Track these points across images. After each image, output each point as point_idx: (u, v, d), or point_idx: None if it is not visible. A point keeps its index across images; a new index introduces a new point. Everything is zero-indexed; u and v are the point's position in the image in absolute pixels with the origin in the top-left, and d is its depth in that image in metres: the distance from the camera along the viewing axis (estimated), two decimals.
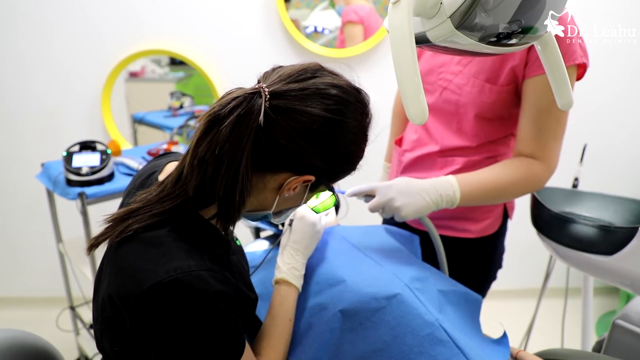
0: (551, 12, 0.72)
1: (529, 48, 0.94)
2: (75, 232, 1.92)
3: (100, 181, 1.64)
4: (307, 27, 2.14)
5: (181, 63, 2.18)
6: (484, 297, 1.23)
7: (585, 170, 1.71)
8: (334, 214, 1.12)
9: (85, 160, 1.64)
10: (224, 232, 0.71)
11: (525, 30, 0.72)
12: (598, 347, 0.95)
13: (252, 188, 0.66)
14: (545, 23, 0.72)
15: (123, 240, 0.64)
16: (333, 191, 0.80)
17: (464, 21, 0.66)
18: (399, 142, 1.30)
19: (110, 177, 1.68)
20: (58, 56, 2.08)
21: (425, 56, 1.16)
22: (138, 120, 2.30)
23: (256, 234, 1.42)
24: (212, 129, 0.62)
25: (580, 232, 1.23)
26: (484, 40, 0.70)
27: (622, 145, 2.36)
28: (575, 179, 1.65)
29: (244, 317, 0.70)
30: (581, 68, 0.97)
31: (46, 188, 1.80)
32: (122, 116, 2.25)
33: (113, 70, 2.08)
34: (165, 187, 0.68)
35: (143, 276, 0.59)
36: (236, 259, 0.77)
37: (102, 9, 2.03)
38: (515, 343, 1.80)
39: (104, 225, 0.67)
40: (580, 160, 1.66)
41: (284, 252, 0.87)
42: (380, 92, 0.93)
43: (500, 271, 1.27)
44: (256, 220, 0.79)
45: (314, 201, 0.88)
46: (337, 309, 0.79)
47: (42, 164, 1.81)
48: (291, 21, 2.07)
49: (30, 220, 2.35)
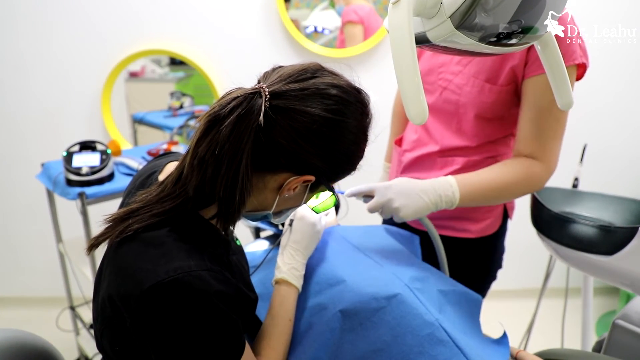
0: (551, 12, 0.72)
1: (529, 48, 0.94)
2: (75, 232, 1.92)
3: (100, 181, 1.64)
4: (307, 27, 2.14)
5: (181, 63, 2.18)
6: (484, 297, 1.22)
7: (585, 170, 1.71)
8: (334, 214, 1.12)
9: (85, 160, 1.64)
10: (224, 232, 0.71)
11: (525, 30, 0.72)
12: (598, 347, 0.95)
13: (252, 188, 0.66)
14: (545, 23, 0.72)
15: (123, 241, 0.64)
16: (333, 191, 0.80)
17: (464, 21, 0.66)
18: (399, 142, 1.30)
19: (110, 177, 1.68)
20: (58, 56, 2.08)
21: (425, 56, 1.16)
22: (138, 120, 2.30)
23: (256, 234, 1.42)
24: (212, 129, 0.62)
25: (580, 232, 1.23)
26: (484, 40, 0.70)
27: (622, 145, 2.36)
28: (575, 179, 1.65)
29: (244, 317, 0.70)
30: (581, 68, 0.97)
31: (46, 188, 1.80)
32: (122, 116, 2.25)
33: (113, 70, 2.08)
34: (165, 187, 0.68)
35: (143, 276, 0.59)
36: (236, 259, 0.77)
37: (102, 9, 2.03)
38: (515, 343, 1.80)
39: (104, 225, 0.67)
40: (580, 160, 1.66)
41: (284, 252, 0.87)
42: (380, 92, 0.93)
43: (500, 271, 1.27)
44: (256, 220, 0.79)
45: (314, 201, 0.88)
46: (337, 309, 0.79)
47: (42, 164, 1.81)
48: (291, 21, 2.07)
49: (30, 220, 2.35)
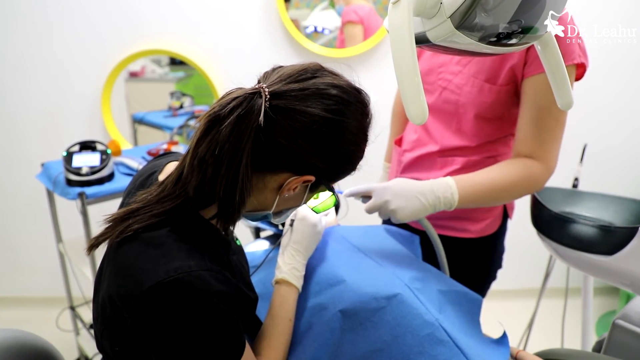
0: (551, 12, 0.71)
1: (528, 47, 0.94)
2: (75, 232, 1.92)
3: (100, 181, 1.64)
4: (307, 27, 2.14)
5: (181, 63, 2.18)
6: (484, 297, 1.22)
7: (585, 170, 1.71)
8: (334, 214, 1.12)
9: (85, 160, 1.64)
10: (224, 232, 0.71)
11: (525, 30, 0.71)
12: (598, 347, 0.95)
13: (252, 188, 0.66)
14: (545, 23, 0.72)
15: (123, 241, 0.64)
16: (333, 191, 0.80)
17: (464, 21, 0.66)
18: (399, 142, 1.29)
19: (110, 177, 1.68)
20: (58, 56, 2.08)
21: (425, 56, 1.16)
22: (138, 120, 2.30)
23: (256, 234, 1.42)
24: (212, 129, 0.62)
25: (580, 232, 1.23)
26: (484, 40, 0.70)
27: (622, 145, 2.36)
28: (575, 179, 1.65)
29: (244, 317, 0.70)
30: (580, 68, 0.97)
31: (46, 188, 1.80)
32: (122, 116, 2.25)
33: (113, 70, 2.08)
34: (165, 188, 0.68)
35: (143, 276, 0.59)
36: (236, 259, 0.77)
37: (102, 9, 2.03)
38: (515, 343, 1.81)
39: (104, 225, 0.67)
40: (580, 160, 1.66)
41: (284, 252, 0.87)
42: (380, 92, 0.93)
43: (500, 271, 1.27)
44: (256, 220, 0.79)
45: (313, 201, 0.88)
46: (337, 309, 0.79)
47: (42, 164, 1.81)
48: (291, 21, 2.07)
49: (30, 220, 2.35)
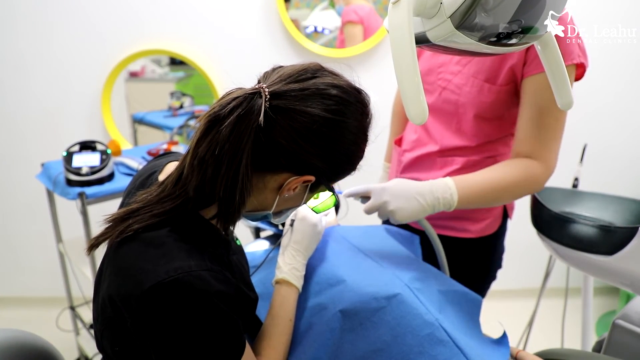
0: (551, 12, 0.71)
1: (528, 47, 0.94)
2: (75, 232, 1.92)
3: (100, 181, 1.64)
4: (307, 27, 2.14)
5: (181, 63, 2.18)
6: (483, 297, 1.22)
7: (585, 170, 1.71)
8: (334, 214, 1.12)
9: (85, 160, 1.64)
10: (224, 232, 0.71)
11: (525, 30, 0.71)
12: (598, 347, 0.95)
13: (252, 188, 0.66)
14: (545, 23, 0.72)
15: (123, 241, 0.64)
16: (333, 191, 0.80)
17: (464, 21, 0.66)
18: (399, 142, 1.29)
19: (110, 177, 1.68)
20: (58, 56, 2.08)
21: (424, 56, 1.16)
22: (138, 120, 2.30)
23: (256, 234, 1.42)
24: (212, 129, 0.62)
25: (580, 232, 1.23)
26: (484, 40, 0.70)
27: (622, 145, 2.36)
28: (575, 179, 1.65)
29: (244, 317, 0.70)
30: (580, 68, 0.97)
31: (46, 188, 1.80)
32: (122, 116, 2.25)
33: (113, 70, 2.08)
34: (165, 188, 0.68)
35: (143, 276, 0.59)
36: (236, 259, 0.77)
37: (102, 9, 2.03)
38: (515, 343, 1.81)
39: (104, 225, 0.67)
40: (580, 160, 1.66)
41: (285, 252, 0.87)
42: (380, 92, 0.93)
43: (500, 271, 1.27)
44: (256, 220, 0.79)
45: (313, 201, 0.88)
46: (337, 309, 0.79)
47: (42, 164, 1.81)
48: (291, 21, 2.07)
49: (30, 220, 2.35)
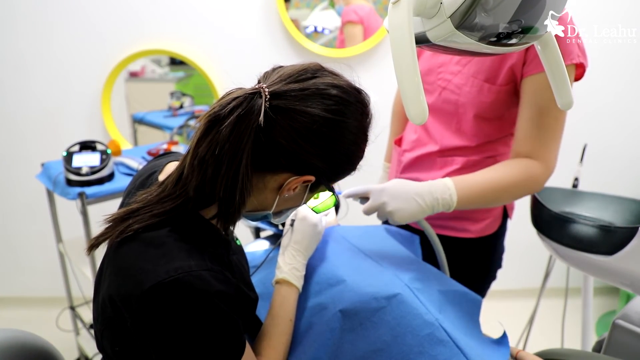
0: (551, 12, 0.71)
1: (527, 47, 0.94)
2: (75, 232, 1.92)
3: (100, 181, 1.64)
4: (307, 27, 2.14)
5: (181, 63, 2.18)
6: (483, 297, 1.22)
7: (585, 170, 1.71)
8: (334, 214, 1.12)
9: (85, 160, 1.64)
10: (224, 232, 0.71)
11: (525, 30, 0.71)
12: (598, 347, 0.95)
13: (252, 188, 0.66)
14: (545, 23, 0.72)
15: (123, 241, 0.64)
16: (333, 191, 0.80)
17: (464, 21, 0.66)
18: (399, 142, 1.29)
19: (110, 177, 1.68)
20: (58, 56, 2.08)
21: (424, 56, 1.16)
22: (138, 120, 2.30)
23: (256, 234, 1.42)
24: (213, 129, 0.62)
25: (580, 232, 1.23)
26: (484, 40, 0.70)
27: (622, 145, 2.36)
28: (575, 179, 1.65)
29: (245, 317, 0.70)
30: (579, 68, 0.97)
31: (46, 188, 1.80)
32: (122, 116, 2.25)
33: (113, 70, 2.08)
34: (165, 188, 0.68)
35: (143, 276, 0.59)
36: (236, 259, 0.77)
37: (102, 9, 2.03)
38: (515, 343, 1.81)
39: (104, 225, 0.67)
40: (580, 160, 1.66)
41: (285, 252, 0.87)
42: (380, 92, 0.93)
43: (500, 271, 1.27)
44: (256, 220, 0.79)
45: (314, 201, 0.88)
46: (337, 309, 0.79)
47: (42, 164, 1.81)
48: (291, 21, 2.07)
49: (30, 220, 2.35)
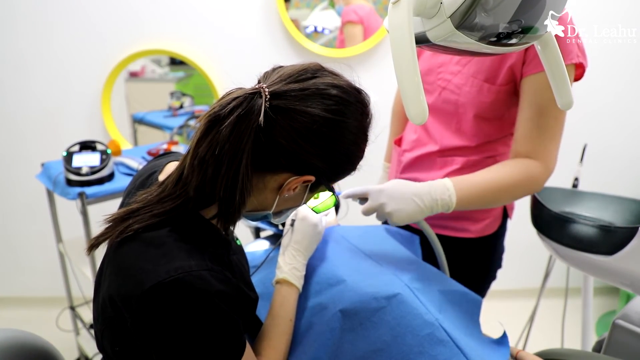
0: (551, 12, 0.71)
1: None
2: (75, 232, 1.92)
3: (100, 181, 1.64)
4: (307, 27, 2.14)
5: (181, 63, 2.18)
6: (483, 297, 1.22)
7: (585, 170, 1.71)
8: (334, 214, 1.12)
9: (85, 160, 1.64)
10: (224, 232, 0.71)
11: (526, 30, 0.71)
12: (598, 347, 0.95)
13: (252, 188, 0.66)
14: (545, 23, 0.72)
15: (123, 241, 0.64)
16: (333, 191, 0.80)
17: (464, 21, 0.66)
18: (399, 142, 1.29)
19: (110, 177, 1.68)
20: (58, 56, 2.08)
21: (424, 56, 1.16)
22: (138, 120, 2.30)
23: (256, 234, 1.42)
24: (213, 129, 0.62)
25: (580, 232, 1.23)
26: (484, 40, 0.70)
27: (622, 145, 2.36)
28: (575, 179, 1.65)
29: (245, 317, 0.70)
30: (579, 68, 0.97)
31: (46, 188, 1.80)
32: (122, 116, 2.25)
33: (113, 70, 2.08)
34: (166, 188, 0.68)
35: (144, 276, 0.59)
36: (236, 259, 0.77)
37: (102, 9, 2.03)
38: (515, 343, 1.81)
39: (104, 225, 0.67)
40: (580, 160, 1.66)
41: (285, 252, 0.87)
42: (380, 92, 0.93)
43: (500, 271, 1.27)
44: (256, 220, 0.79)
45: (314, 201, 0.88)
46: (337, 309, 0.79)
47: (42, 164, 1.81)
48: (291, 21, 2.07)
49: (30, 220, 2.35)
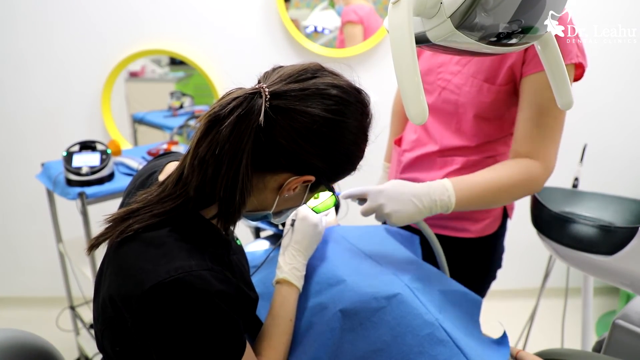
0: (551, 12, 0.71)
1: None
2: (75, 232, 1.92)
3: (100, 181, 1.64)
4: (307, 27, 2.14)
5: (181, 63, 2.18)
6: (483, 297, 1.22)
7: (585, 170, 1.71)
8: (334, 214, 1.12)
9: (85, 160, 1.64)
10: (224, 232, 0.71)
11: (526, 30, 0.71)
12: (598, 347, 0.95)
13: (253, 188, 0.66)
14: (545, 23, 0.72)
15: (124, 241, 0.64)
16: (333, 191, 0.80)
17: (464, 21, 0.66)
18: (399, 142, 1.29)
19: (110, 177, 1.68)
20: (58, 56, 2.08)
21: (424, 56, 1.16)
22: (138, 120, 2.30)
23: (256, 233, 1.42)
24: (213, 129, 0.62)
25: (580, 232, 1.23)
26: (484, 40, 0.70)
27: (622, 145, 2.36)
28: (575, 179, 1.65)
29: (245, 317, 0.70)
30: (579, 68, 0.97)
31: (46, 188, 1.80)
32: (122, 116, 2.25)
33: (113, 70, 2.08)
34: (166, 188, 0.68)
35: (144, 276, 0.59)
36: (237, 259, 0.77)
37: (102, 9, 2.03)
38: (515, 343, 1.81)
39: (104, 225, 0.67)
40: (580, 160, 1.66)
41: (285, 252, 0.87)
42: (380, 92, 0.93)
43: (500, 271, 1.27)
44: (256, 220, 0.79)
45: (314, 201, 0.88)
46: (337, 309, 0.79)
47: (42, 164, 1.81)
48: (291, 21, 2.07)
49: (30, 220, 2.35)
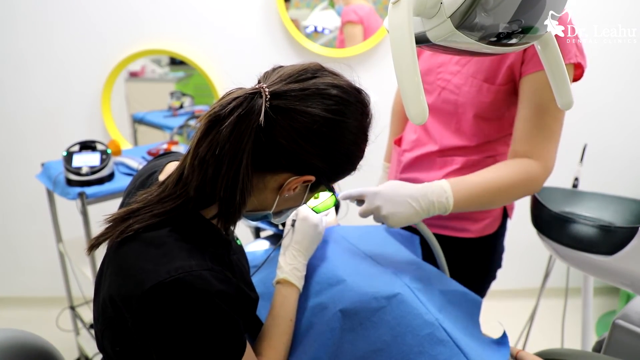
0: (551, 12, 0.72)
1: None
2: (75, 232, 1.92)
3: (100, 181, 1.64)
4: (307, 27, 2.15)
5: (181, 63, 2.18)
6: (483, 297, 1.23)
7: (585, 170, 1.71)
8: (334, 214, 1.12)
9: (85, 160, 1.64)
10: (224, 232, 0.71)
11: (526, 30, 0.72)
12: (598, 347, 0.95)
13: (253, 188, 0.66)
14: (545, 23, 0.72)
15: (124, 241, 0.64)
16: (333, 191, 0.80)
17: (464, 21, 0.66)
18: (399, 142, 1.29)
19: (110, 177, 1.68)
20: (58, 56, 2.08)
21: (424, 56, 1.16)
22: (138, 120, 2.30)
23: (256, 233, 1.42)
24: (213, 129, 0.62)
25: (580, 232, 1.23)
26: (484, 40, 0.70)
27: (622, 145, 2.36)
28: (575, 179, 1.65)
29: (245, 317, 0.70)
30: (578, 68, 0.97)
31: (46, 188, 1.80)
32: (122, 116, 2.25)
33: (113, 70, 2.08)
34: (166, 188, 0.68)
35: (144, 276, 0.59)
36: (237, 259, 0.77)
37: (102, 9, 2.03)
38: (514, 343, 1.81)
39: (104, 225, 0.67)
40: (580, 160, 1.66)
41: (286, 253, 0.87)
42: (380, 92, 0.93)
43: (500, 271, 1.27)
44: (256, 220, 0.79)
45: (314, 201, 0.88)
46: (337, 309, 0.79)
47: (42, 164, 1.81)
48: (291, 21, 2.07)
49: (30, 220, 2.35)
